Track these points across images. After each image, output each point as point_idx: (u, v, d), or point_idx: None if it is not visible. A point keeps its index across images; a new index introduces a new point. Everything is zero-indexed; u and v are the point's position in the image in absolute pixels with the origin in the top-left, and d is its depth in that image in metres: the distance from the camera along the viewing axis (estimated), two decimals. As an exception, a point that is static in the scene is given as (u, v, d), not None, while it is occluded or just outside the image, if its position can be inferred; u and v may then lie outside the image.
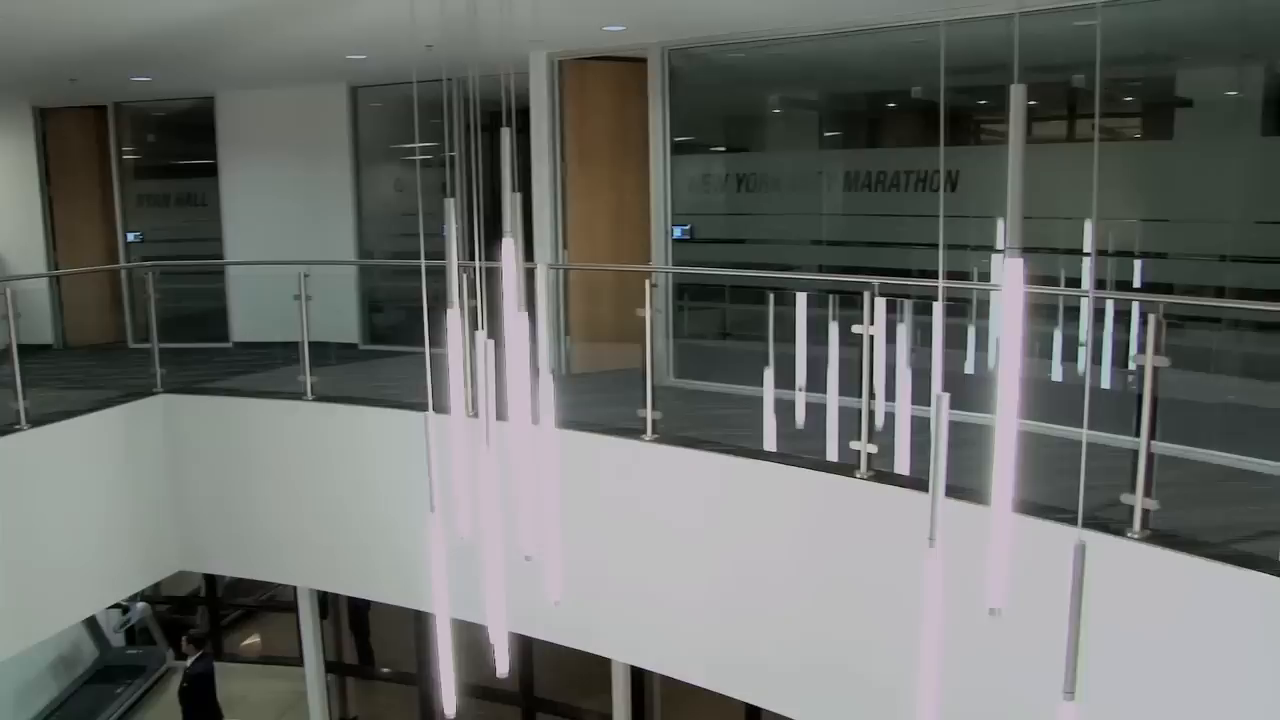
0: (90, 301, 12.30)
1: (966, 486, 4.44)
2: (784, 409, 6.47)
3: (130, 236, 12.26)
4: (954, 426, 2.90)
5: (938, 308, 5.69)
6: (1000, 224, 6.96)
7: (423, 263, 4.87)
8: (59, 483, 7.45)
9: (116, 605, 11.72)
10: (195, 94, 11.76)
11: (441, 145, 10.72)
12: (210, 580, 12.24)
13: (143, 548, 8.11)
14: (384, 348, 10.77)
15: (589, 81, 8.95)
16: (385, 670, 11.06)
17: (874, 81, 8.81)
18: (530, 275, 5.40)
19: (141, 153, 12.60)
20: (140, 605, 12.30)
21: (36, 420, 7.26)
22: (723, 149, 9.45)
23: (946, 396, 2.96)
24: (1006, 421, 2.77)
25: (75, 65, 9.47)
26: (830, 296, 6.44)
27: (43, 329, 11.59)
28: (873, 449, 5.64)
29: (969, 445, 3.42)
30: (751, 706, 7.98)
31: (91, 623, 11.82)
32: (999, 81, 7.08)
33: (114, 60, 9.23)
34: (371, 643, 11.28)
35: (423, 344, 4.89)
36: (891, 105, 9.15)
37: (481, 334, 4.82)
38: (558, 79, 8.90)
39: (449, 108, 5.61)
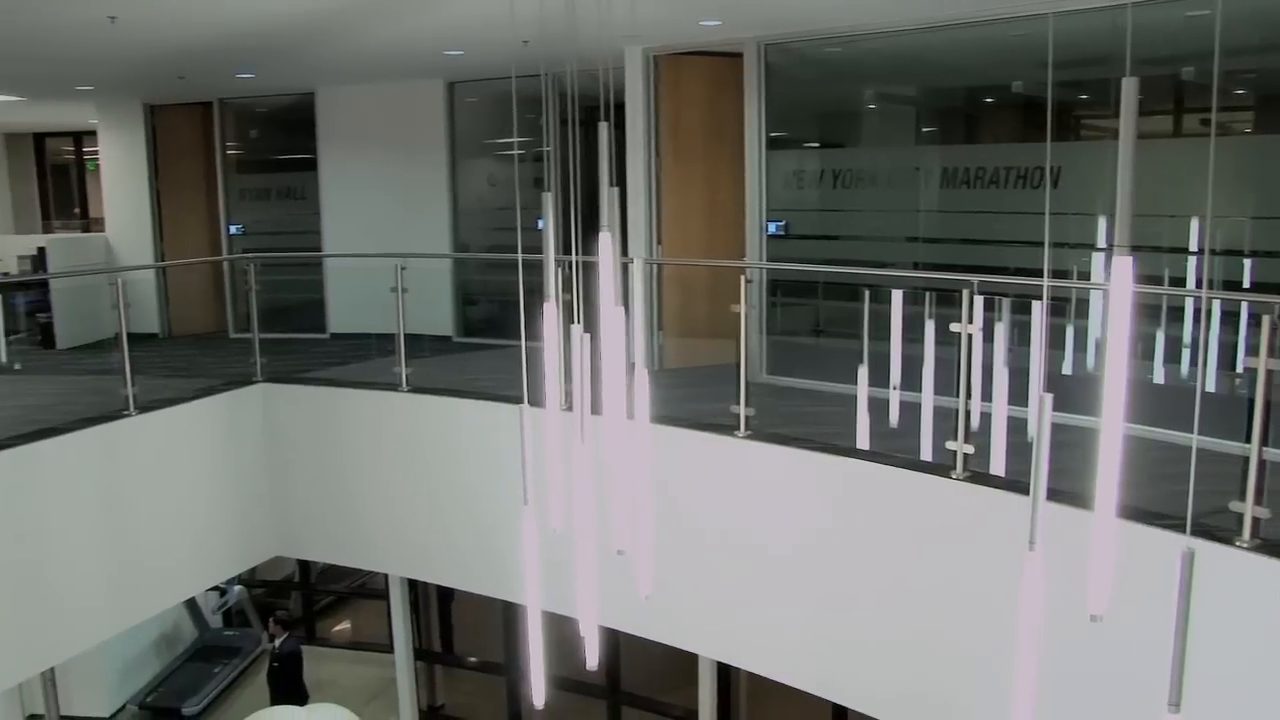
0: (194, 292, 12.63)
1: (1066, 490, 4.35)
2: (877, 408, 6.40)
3: (232, 229, 12.57)
4: (1053, 428, 2.84)
5: (1039, 307, 5.60)
6: (1102, 221, 6.80)
7: (519, 256, 4.90)
8: (164, 467, 7.67)
9: (215, 588, 12.04)
10: (296, 90, 12.01)
11: (535, 140, 10.84)
12: (304, 566, 12.48)
13: (242, 532, 8.30)
14: (477, 340, 10.86)
15: (684, 76, 8.94)
16: (471, 659, 11.17)
17: (972, 76, 8.65)
18: (625, 270, 5.40)
19: (244, 147, 12.91)
20: (237, 588, 12.60)
21: (144, 406, 7.47)
22: (817, 144, 9.37)
23: (1050, 397, 2.89)
24: (1112, 424, 2.70)
25: (185, 63, 9.73)
26: (926, 294, 6.35)
27: (149, 319, 11.92)
28: (969, 449, 5.55)
29: (1068, 447, 3.34)
30: (838, 706, 7.91)
31: (191, 604, 12.16)
32: (1102, 75, 6.91)
33: (221, 58, 9.47)
34: (454, 632, 11.41)
35: (516, 337, 4.91)
36: (990, 100, 8.98)
37: (577, 328, 4.83)
38: (653, 74, 8.89)
39: (546, 103, 5.63)
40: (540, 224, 4.63)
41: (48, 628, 6.89)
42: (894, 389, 6.46)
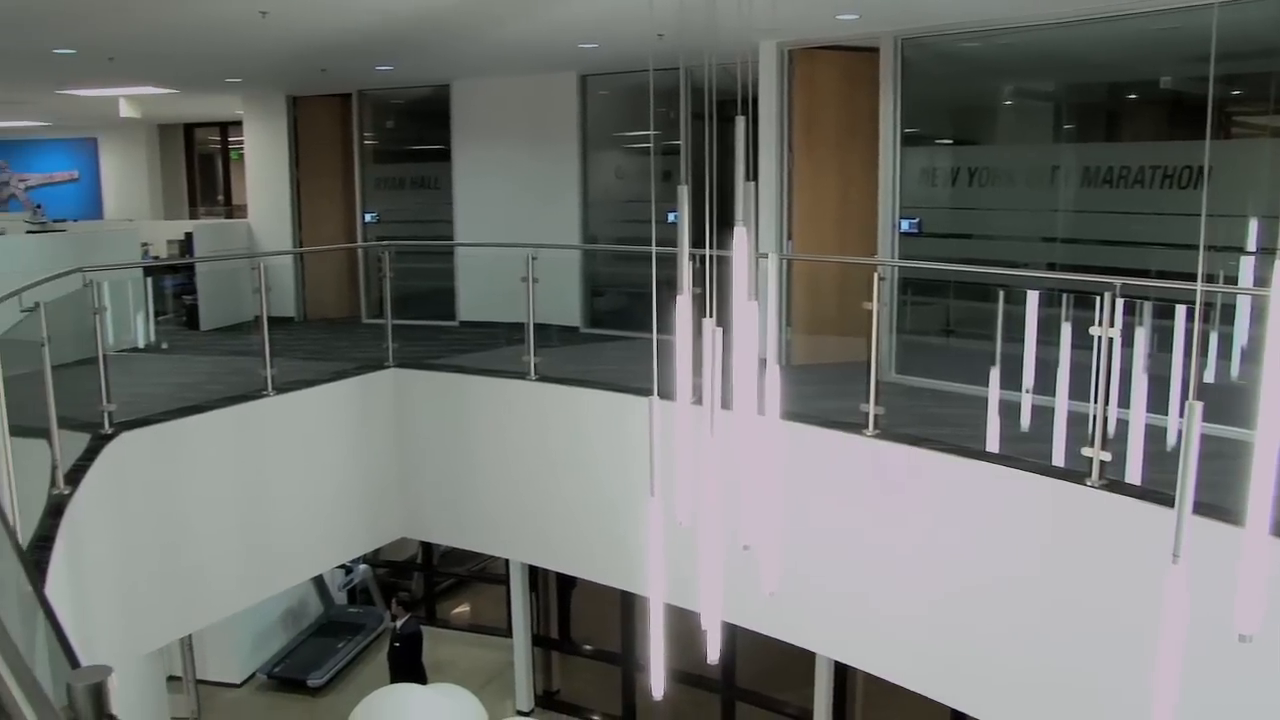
0: (329, 278, 13.00)
1: (1209, 503, 4.19)
2: (1008, 410, 6.26)
3: (367, 217, 12.89)
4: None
5: (1183, 311, 5.41)
6: (1254, 224, 6.53)
7: (653, 249, 4.93)
8: (298, 447, 7.92)
9: (341, 566, 12.40)
10: (432, 82, 12.25)
11: (665, 133, 10.87)
12: (426, 548, 12.75)
13: (370, 513, 8.52)
14: (604, 332, 10.95)
15: (818, 71, 8.86)
16: (587, 647, 11.28)
17: (1115, 71, 8.38)
18: (757, 265, 5.38)
19: (380, 138, 13.21)
20: (362, 567, 12.95)
21: (281, 387, 7.72)
22: (951, 141, 9.20)
23: (1200, 406, 2.80)
24: (1267, 435, 2.60)
25: (327, 56, 10.01)
26: (1063, 296, 6.19)
27: (287, 303, 12.29)
28: (1106, 456, 5.39)
29: (1209, 459, 3.22)
30: (956, 711, 7.78)
31: (319, 580, 12.54)
32: (1259, 69, 6.62)
33: (362, 51, 9.72)
34: (572, 619, 11.54)
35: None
36: (1134, 96, 8.69)
37: (709, 321, 4.83)
38: (786, 68, 8.83)
39: (683, 96, 5.64)
40: (672, 217, 4.65)
41: (190, 596, 7.19)
42: (1026, 392, 6.31)
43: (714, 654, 5.42)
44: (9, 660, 1.03)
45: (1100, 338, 5.41)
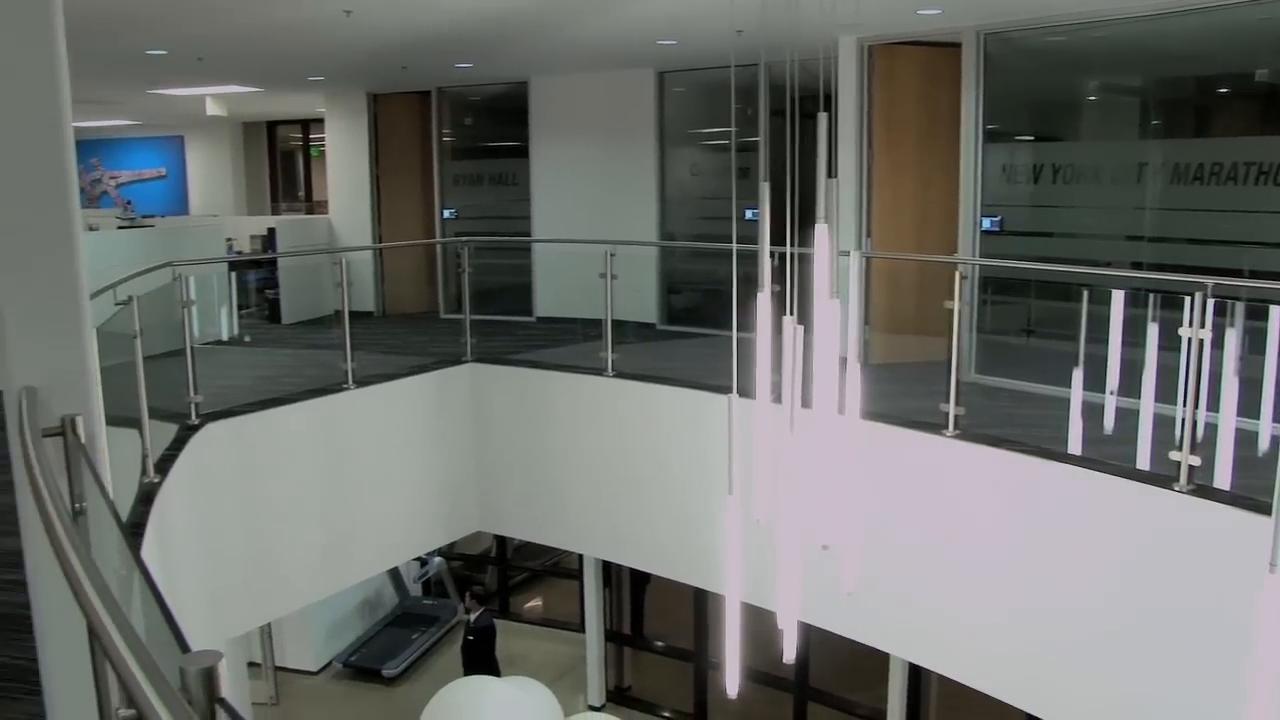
0: (407, 273, 13.16)
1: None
2: (1091, 413, 6.15)
3: (445, 213, 13.01)
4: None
5: (1278, 312, 5.26)
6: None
7: (734, 246, 4.92)
8: (377, 440, 8.02)
9: (416, 558, 12.54)
10: (510, 79, 12.33)
11: (741, 130, 10.83)
12: (500, 542, 12.83)
13: (446, 506, 8.61)
14: (680, 328, 10.93)
15: (898, 67, 8.76)
16: (659, 644, 11.28)
17: (1207, 64, 8.17)
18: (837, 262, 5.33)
19: (458, 135, 13.33)
20: (437, 560, 13.08)
21: (361, 381, 7.82)
22: (1033, 137, 9.04)
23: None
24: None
25: (408, 54, 10.14)
26: (1149, 296, 6.05)
27: (366, 298, 12.44)
28: (1195, 460, 5.26)
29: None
30: (1033, 717, 7.65)
31: (394, 572, 12.69)
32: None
33: (442, 49, 9.82)
34: (645, 615, 11.55)
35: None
36: (1225, 90, 8.47)
37: (790, 319, 4.80)
38: (866, 64, 8.75)
39: (762, 93, 5.61)
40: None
41: (271, 585, 7.32)
42: (1110, 393, 6.19)
43: (790, 653, 5.39)
44: (130, 645, 1.06)
45: (1190, 339, 5.29)
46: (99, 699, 2.41)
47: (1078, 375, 6.25)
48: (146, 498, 5.39)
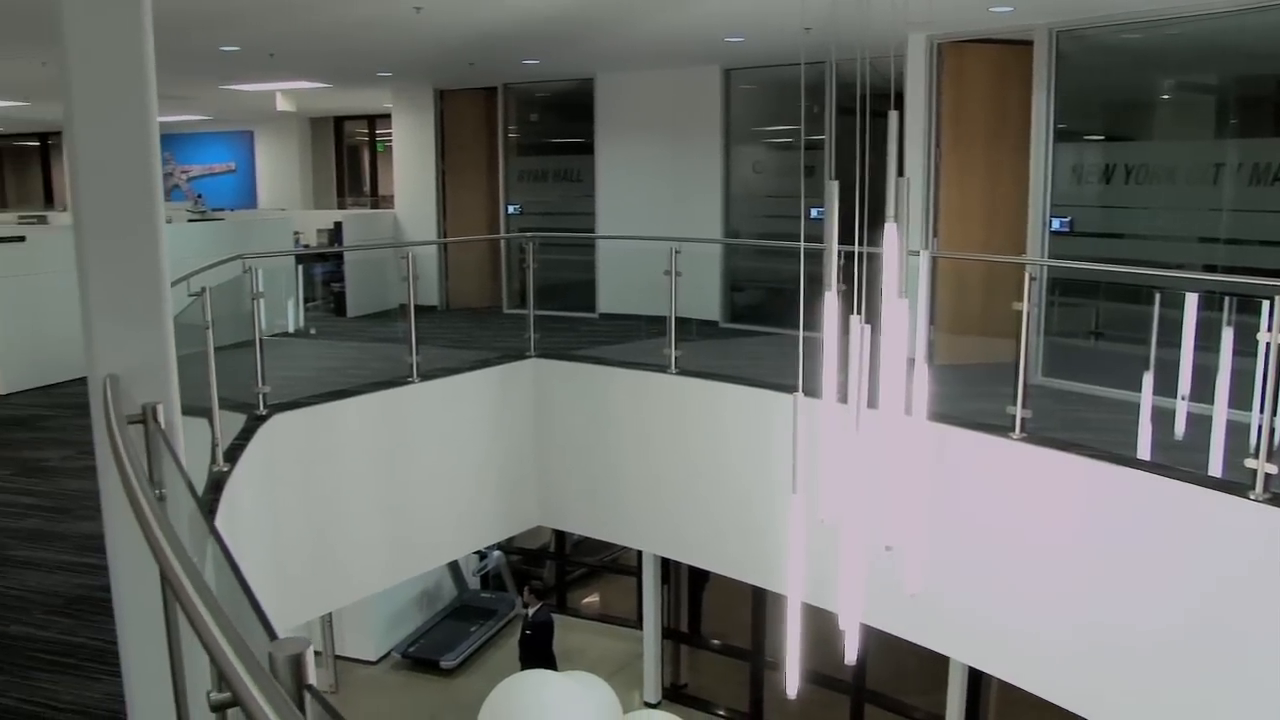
0: (471, 268, 13.26)
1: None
2: (1161, 418, 6.04)
3: (510, 209, 13.09)
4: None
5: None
6: None
7: (801, 244, 4.90)
8: (440, 433, 8.08)
9: (476, 551, 12.62)
10: (576, 76, 12.37)
11: (806, 128, 10.76)
12: (559, 536, 12.89)
13: (507, 500, 8.66)
14: (743, 327, 10.90)
15: (967, 65, 8.66)
16: (716, 642, 11.26)
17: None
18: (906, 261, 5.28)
19: (523, 131, 13.40)
20: (496, 554, 13.15)
21: (425, 374, 7.88)
22: (1103, 137, 8.88)
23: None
24: None
25: (476, 50, 10.21)
26: (1224, 299, 5.92)
27: (430, 292, 12.51)
28: (1271, 469, 5.14)
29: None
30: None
31: (454, 565, 12.80)
32: None
33: (510, 45, 9.87)
34: (702, 613, 11.53)
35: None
36: (1309, 89, 8.27)
37: (857, 319, 4.77)
38: (935, 62, 8.66)
39: (830, 90, 5.58)
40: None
41: (333, 574, 7.41)
42: (1182, 398, 6.07)
43: (851, 655, 5.37)
44: (223, 629, 1.07)
45: (1269, 344, 5.17)
46: (175, 680, 2.46)
47: (1148, 379, 6.14)
48: (216, 485, 5.49)
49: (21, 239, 9.27)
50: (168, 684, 2.45)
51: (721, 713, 10.87)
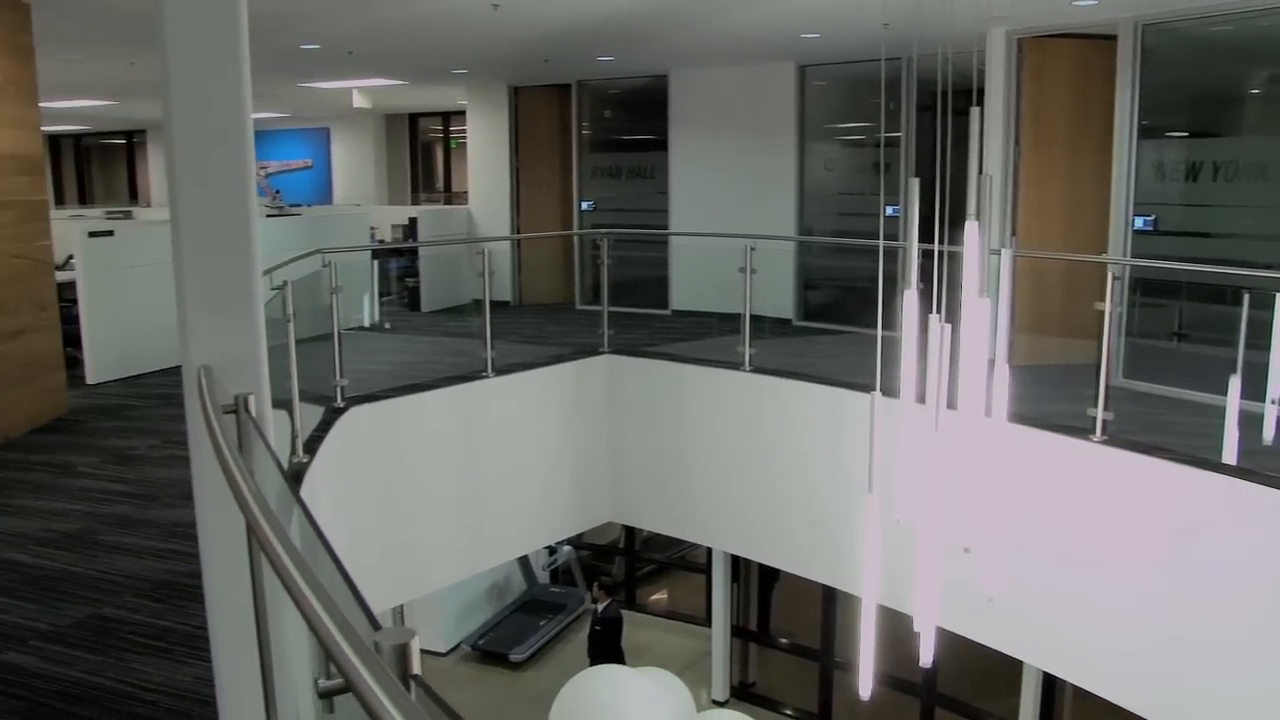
0: (544, 264, 13.34)
1: None
2: (1248, 422, 5.89)
3: (583, 205, 13.14)
4: None
5: None
6: None
7: (880, 243, 4.85)
8: (514, 429, 8.14)
9: (546, 546, 12.70)
10: (650, 72, 12.39)
11: (878, 125, 10.67)
12: (629, 533, 12.92)
13: (579, 496, 8.69)
14: (817, 325, 10.84)
15: (1048, 60, 8.52)
16: (784, 641, 11.22)
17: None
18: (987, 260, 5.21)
19: (597, 127, 13.44)
20: (566, 549, 13.22)
21: (500, 369, 7.93)
22: (1187, 133, 8.67)
23: None
24: None
25: (551, 47, 10.26)
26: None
27: (504, 288, 12.65)
28: (1365, 474, 5.01)
29: None
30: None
31: (524, 559, 12.88)
32: None
33: (585, 42, 9.91)
34: (771, 612, 11.48)
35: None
36: None
37: (936, 318, 4.72)
38: (1016, 58, 8.53)
39: (910, 86, 5.52)
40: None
41: (407, 566, 7.49)
42: (1272, 402, 5.92)
43: (927, 657, 5.32)
44: (333, 616, 1.09)
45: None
46: (263, 665, 2.51)
47: (1235, 382, 5.99)
48: (296, 476, 5.57)
49: (110, 233, 9.50)
50: (255, 668, 2.50)
51: (789, 712, 10.83)
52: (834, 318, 10.59)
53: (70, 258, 9.37)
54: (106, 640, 3.98)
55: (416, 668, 1.12)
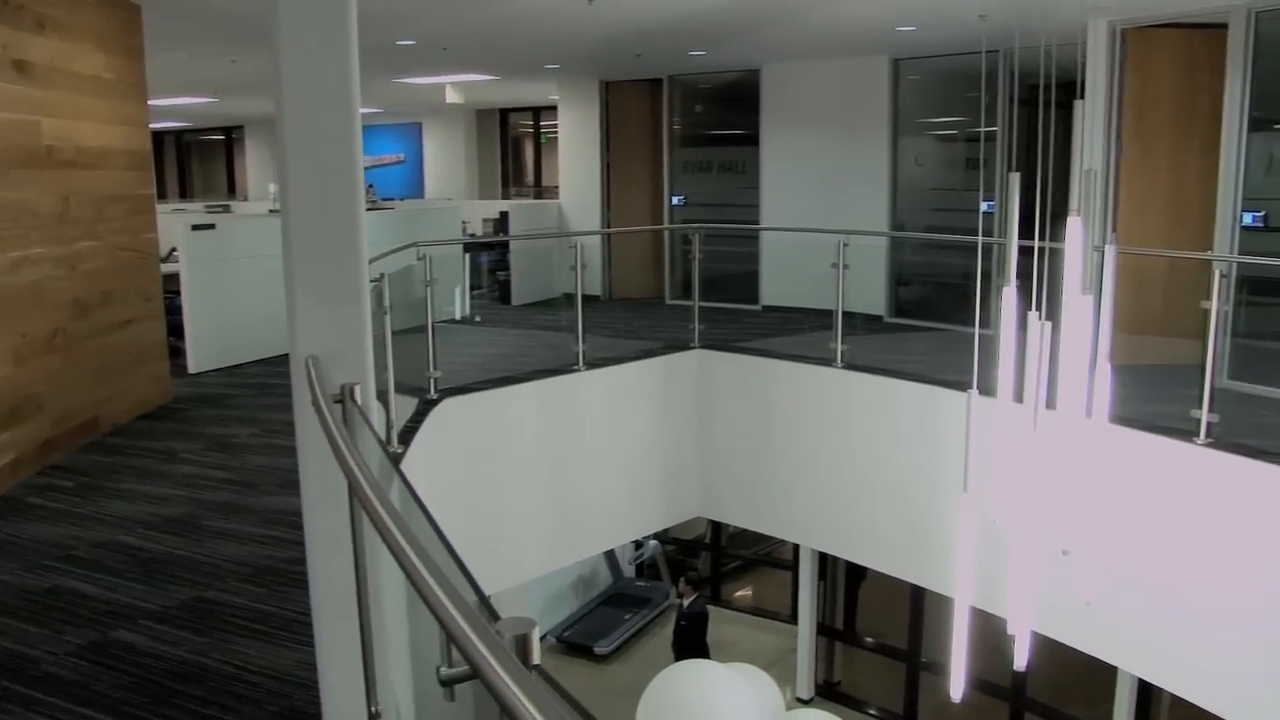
0: (634, 259, 13.35)
1: None
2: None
3: (674, 200, 13.14)
4: None
5: None
6: None
7: (979, 239, 4.78)
8: (603, 422, 8.18)
9: (632, 540, 12.74)
10: (742, 67, 12.33)
11: (971, 120, 10.48)
12: (715, 528, 12.89)
13: (668, 490, 8.70)
14: (909, 322, 10.71)
15: (1153, 51, 8.28)
16: (870, 640, 11.11)
17: None
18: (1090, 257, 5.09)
19: (688, 122, 13.42)
20: (653, 543, 13.24)
21: (591, 363, 7.97)
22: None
23: None
24: None
25: (644, 42, 10.27)
26: None
27: (593, 282, 12.60)
28: None
29: None
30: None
31: (610, 553, 12.93)
32: None
33: (677, 37, 9.90)
34: (858, 611, 11.38)
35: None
36: None
37: (1035, 315, 4.64)
38: (1119, 49, 8.30)
39: (1012, 79, 5.42)
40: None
41: (496, 558, 7.57)
42: (1387, 406, 5.71)
43: (1021, 660, 5.23)
44: (455, 603, 1.11)
45: None
46: (364, 651, 2.56)
47: (1349, 386, 5.79)
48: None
49: (212, 226, 9.75)
50: (356, 653, 2.55)
51: (874, 712, 10.73)
52: (925, 314, 10.43)
53: (173, 250, 9.62)
54: (210, 622, 4.09)
55: (537, 657, 1.13)
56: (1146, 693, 8.32)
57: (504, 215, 13.91)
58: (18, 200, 6.12)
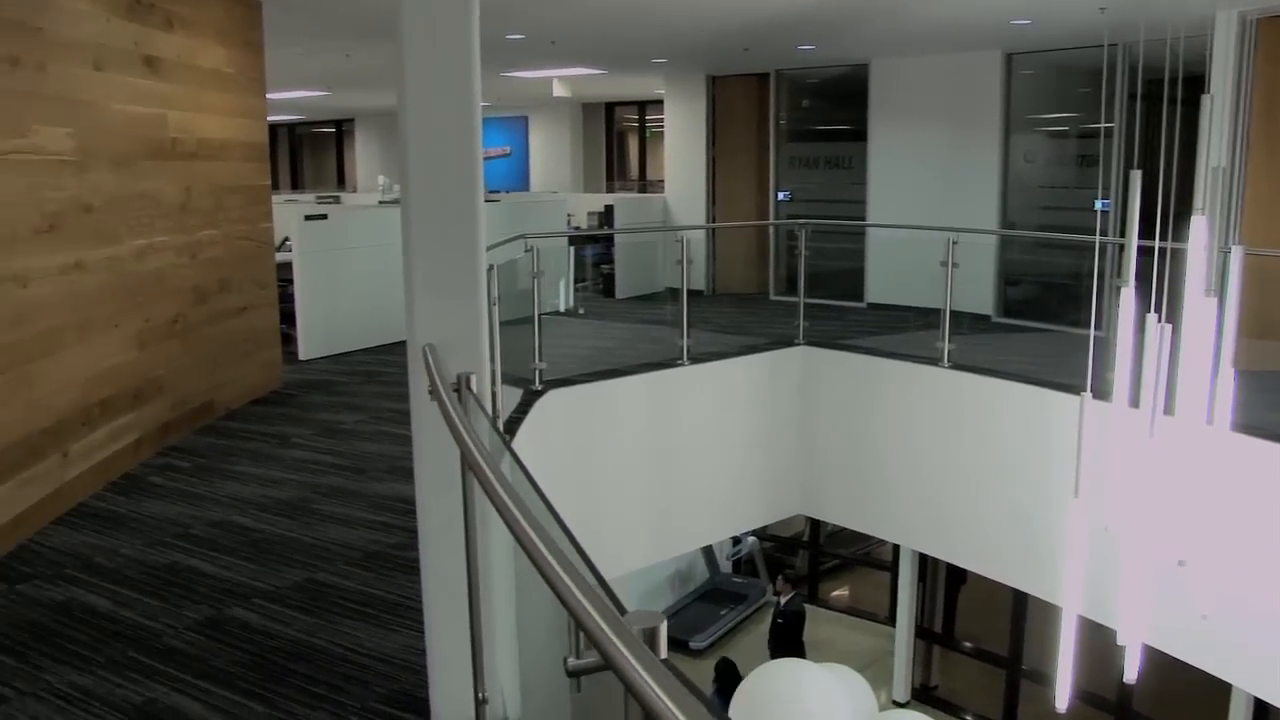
0: (738, 254, 13.32)
1: None
2: None
3: (780, 195, 13.06)
4: None
5: None
6: None
7: (1097, 239, 4.66)
8: (706, 417, 8.16)
9: (731, 536, 12.71)
10: (850, 61, 12.20)
11: (1084, 115, 10.21)
12: (814, 526, 12.80)
13: (769, 487, 8.65)
14: (1017, 322, 10.49)
15: (1286, 43, 7.95)
16: (969, 645, 10.93)
17: None
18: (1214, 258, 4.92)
19: (795, 117, 13.33)
20: (751, 540, 13.20)
21: (695, 358, 7.96)
22: None
23: None
24: None
25: (752, 36, 10.22)
26: None
27: (698, 277, 12.61)
28: None
29: None
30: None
31: (708, 548, 12.92)
32: None
33: (787, 31, 9.83)
34: (957, 614, 11.19)
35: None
36: None
37: (1154, 318, 4.50)
38: (1249, 41, 7.99)
39: (1133, 74, 5.27)
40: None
41: (596, 550, 7.54)
42: None
43: (1131, 673, 5.10)
44: (585, 593, 1.12)
45: None
46: (473, 636, 2.59)
47: None
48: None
49: (324, 217, 9.97)
50: (465, 640, 2.59)
51: (970, 718, 10.55)
52: (1035, 315, 10.19)
53: (285, 240, 9.87)
54: (320, 604, 4.19)
55: (664, 651, 1.13)
56: (1264, 712, 8.05)
57: (609, 209, 13.97)
58: (145, 190, 6.34)
